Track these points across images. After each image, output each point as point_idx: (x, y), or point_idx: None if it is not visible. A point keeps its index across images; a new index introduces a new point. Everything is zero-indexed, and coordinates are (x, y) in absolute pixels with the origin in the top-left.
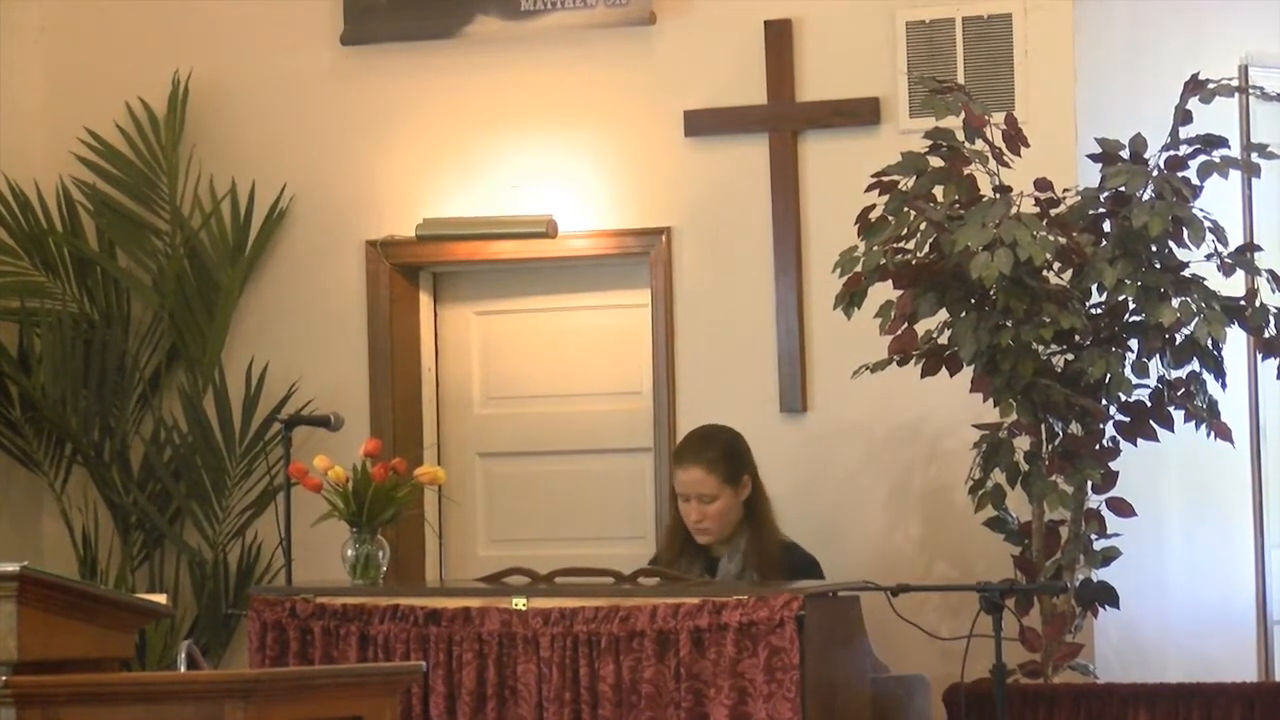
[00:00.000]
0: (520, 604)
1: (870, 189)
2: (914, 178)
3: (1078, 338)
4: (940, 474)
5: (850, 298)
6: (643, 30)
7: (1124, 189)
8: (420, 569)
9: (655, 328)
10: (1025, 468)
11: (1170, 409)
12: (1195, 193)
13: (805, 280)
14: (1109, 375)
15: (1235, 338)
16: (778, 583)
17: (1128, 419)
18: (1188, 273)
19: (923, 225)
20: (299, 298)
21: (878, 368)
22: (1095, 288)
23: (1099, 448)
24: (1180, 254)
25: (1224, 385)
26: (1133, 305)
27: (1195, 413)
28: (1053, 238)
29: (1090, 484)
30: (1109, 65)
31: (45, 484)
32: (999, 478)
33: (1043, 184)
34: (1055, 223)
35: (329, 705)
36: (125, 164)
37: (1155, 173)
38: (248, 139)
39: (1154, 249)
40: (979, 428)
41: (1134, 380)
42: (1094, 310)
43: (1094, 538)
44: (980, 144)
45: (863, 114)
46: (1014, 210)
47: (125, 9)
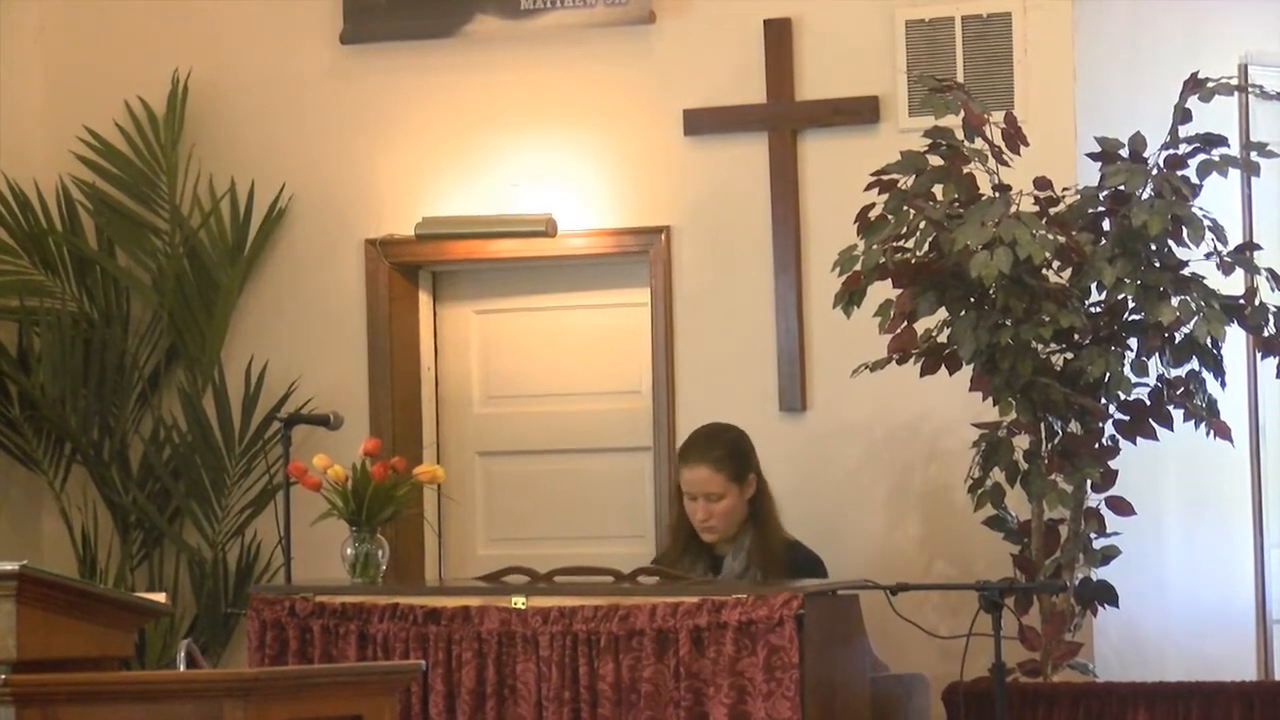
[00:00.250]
0: (520, 603)
1: (870, 188)
2: (913, 176)
3: (1077, 336)
4: (939, 473)
5: (850, 296)
6: (642, 29)
7: (1123, 188)
8: (420, 568)
9: (655, 327)
10: (1024, 466)
11: (1169, 408)
12: (1194, 191)
13: (805, 279)
14: (1108, 374)
15: (1234, 336)
16: (777, 581)
17: (1127, 418)
18: (1187, 271)
19: (922, 224)
20: (298, 297)
21: (877, 367)
22: (1094, 286)
23: (1098, 446)
24: (1179, 253)
25: (1223, 384)
26: (1132, 304)
27: (1194, 411)
28: (1052, 236)
29: (1089, 483)
30: (1108, 64)
31: (45, 483)
32: (998, 476)
33: (1042, 183)
34: (1054, 221)
35: (328, 704)
36: (125, 163)
37: (1154, 171)
38: (247, 138)
39: (1153, 248)
40: (978, 426)
41: (1133, 379)
42: (1093, 309)
43: (1093, 537)
44: (980, 143)
45: (862, 113)
46: (1013, 209)
47: (125, 9)
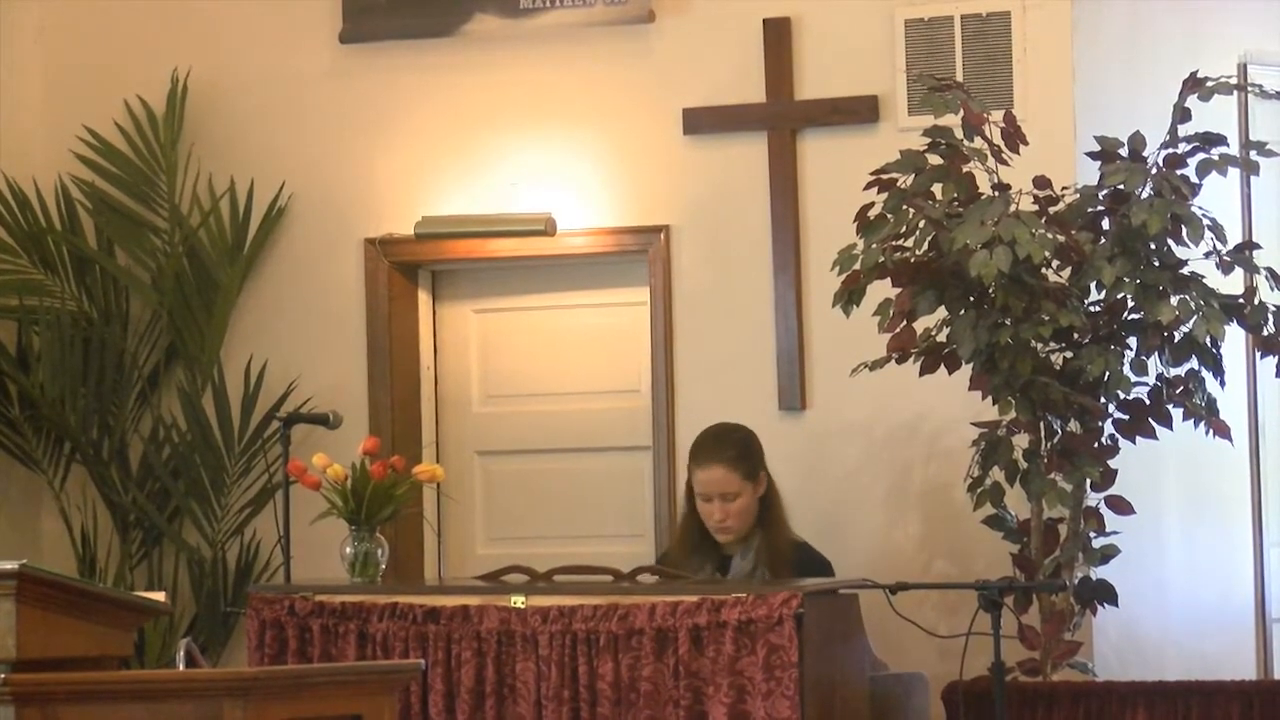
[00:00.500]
0: (519, 602)
1: (869, 187)
2: (913, 175)
3: (1076, 335)
4: (939, 472)
5: (849, 296)
6: (641, 28)
7: (1123, 187)
8: (419, 567)
9: (654, 326)
10: (1024, 465)
11: (1169, 407)
12: (1194, 190)
13: (804, 278)
14: (1108, 373)
15: (1234, 335)
16: (776, 580)
17: (1126, 417)
18: (1186, 270)
19: (921, 223)
20: (298, 296)
21: (876, 366)
22: (1094, 285)
23: (1098, 445)
24: (1179, 252)
25: (1222, 383)
26: (1131, 303)
27: (1194, 410)
28: (1051, 235)
29: (1089, 482)
30: (1108, 63)
31: (44, 482)
32: (998, 475)
33: (1041, 182)
34: (1054, 220)
35: (328, 703)
36: (124, 162)
37: (1154, 170)
38: (246, 137)
39: (1153, 247)
40: (978, 425)
41: (1133, 378)
42: (1093, 308)
43: (1093, 536)
44: (979, 142)
45: (861, 112)
46: (1013, 208)
47: (125, 9)
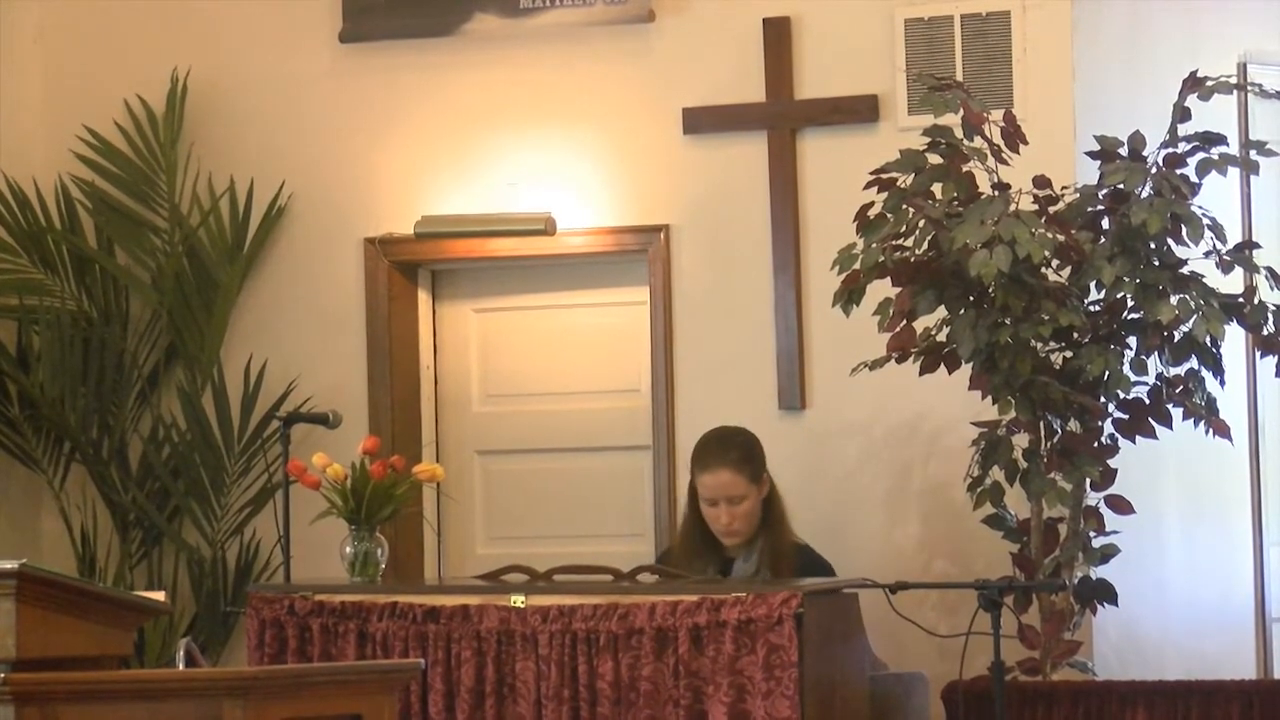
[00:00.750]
0: (519, 601)
1: (869, 186)
2: (912, 175)
3: (1076, 335)
4: (939, 471)
5: (849, 295)
6: (641, 28)
7: (1122, 186)
8: (419, 567)
9: (654, 325)
10: (1024, 465)
11: (1169, 406)
12: (1194, 190)
13: (804, 278)
14: (1107, 372)
15: (1234, 335)
16: (776, 580)
17: (1126, 416)
18: (1186, 270)
19: (921, 223)
20: (297, 295)
21: (876, 365)
22: (1094, 285)
23: (1097, 445)
24: (1179, 251)
25: (1222, 383)
26: (1131, 302)
27: (1194, 410)
28: (1051, 235)
29: (1089, 481)
30: (1107, 62)
31: (44, 482)
32: (997, 475)
33: (1041, 181)
34: (1054, 220)
35: (327, 703)
36: (124, 162)
37: (1154, 170)
38: (246, 137)
39: (1152, 246)
40: (977, 425)
41: (1132, 378)
42: (1092, 307)
43: (1092, 535)
44: (979, 141)
45: (861, 111)
46: (1012, 207)
47: (124, 8)
